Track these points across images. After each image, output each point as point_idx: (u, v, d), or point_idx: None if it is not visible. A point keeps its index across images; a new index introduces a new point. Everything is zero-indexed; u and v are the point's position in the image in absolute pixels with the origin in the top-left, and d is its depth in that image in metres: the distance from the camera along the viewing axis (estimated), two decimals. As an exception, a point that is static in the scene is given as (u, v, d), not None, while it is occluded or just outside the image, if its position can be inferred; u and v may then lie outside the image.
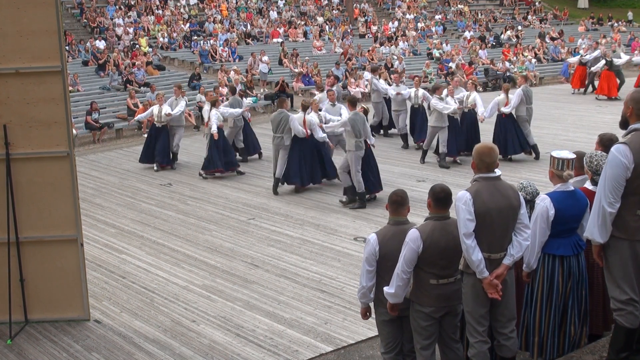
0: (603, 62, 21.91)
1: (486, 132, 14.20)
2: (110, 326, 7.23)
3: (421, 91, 15.54)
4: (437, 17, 34.64)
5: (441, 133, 13.50)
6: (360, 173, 11.12)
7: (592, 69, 22.56)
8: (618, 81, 21.60)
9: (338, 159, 12.46)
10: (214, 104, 13.84)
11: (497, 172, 5.41)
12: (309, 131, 12.10)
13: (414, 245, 4.79)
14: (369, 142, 11.38)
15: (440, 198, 4.87)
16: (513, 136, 13.73)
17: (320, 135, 12.07)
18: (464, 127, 13.91)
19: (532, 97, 14.11)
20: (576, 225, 5.34)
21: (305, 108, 12.39)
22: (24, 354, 6.69)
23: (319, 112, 12.63)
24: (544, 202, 5.23)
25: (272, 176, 12.52)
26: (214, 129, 13.25)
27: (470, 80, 14.97)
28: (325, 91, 14.90)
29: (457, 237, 4.76)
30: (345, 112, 11.90)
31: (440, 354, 5.17)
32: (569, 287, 5.31)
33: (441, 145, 13.62)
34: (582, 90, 23.26)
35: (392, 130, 16.67)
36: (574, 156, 5.39)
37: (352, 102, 11.55)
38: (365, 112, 11.70)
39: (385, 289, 4.95)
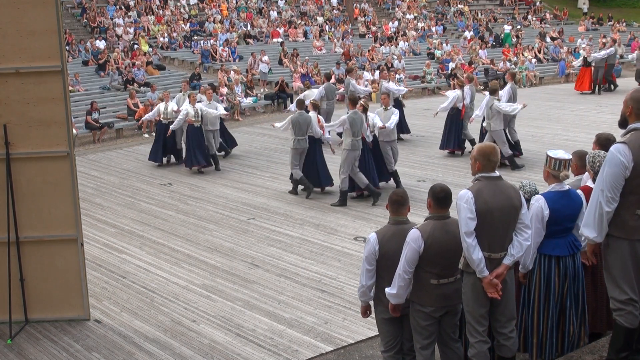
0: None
1: (471, 130, 14.83)
2: (110, 326, 7.23)
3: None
4: (467, 34, 32.44)
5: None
6: (347, 172, 11.28)
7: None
8: None
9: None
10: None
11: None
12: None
13: (415, 245, 4.79)
14: (366, 139, 11.59)
15: (440, 198, 4.87)
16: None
17: (318, 132, 12.08)
18: (453, 126, 14.65)
19: (517, 95, 14.30)
20: (571, 225, 5.32)
21: (315, 107, 12.50)
22: (24, 353, 6.69)
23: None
24: (538, 203, 5.22)
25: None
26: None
27: (456, 82, 15.31)
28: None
29: (458, 237, 4.76)
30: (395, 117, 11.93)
31: (440, 354, 5.18)
32: (565, 287, 5.30)
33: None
34: (586, 91, 22.97)
35: (406, 136, 16.41)
36: (570, 157, 5.39)
37: (353, 101, 11.60)
38: (365, 109, 11.73)
39: (387, 289, 4.95)
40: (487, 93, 14.47)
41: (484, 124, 13.35)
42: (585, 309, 5.44)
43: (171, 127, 14.29)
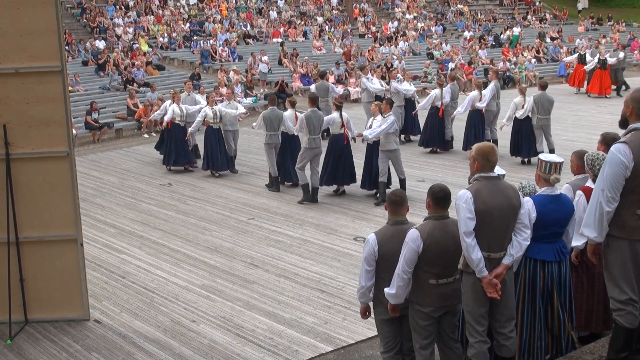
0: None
1: (455, 128, 15.34)
2: (110, 326, 7.23)
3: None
4: (467, 33, 32.52)
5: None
6: (303, 168, 11.57)
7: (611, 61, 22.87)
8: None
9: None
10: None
11: (502, 171, 5.39)
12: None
13: (414, 245, 4.79)
14: (348, 136, 11.68)
15: (440, 198, 4.87)
16: (483, 131, 14.39)
17: (290, 128, 12.43)
18: (434, 124, 15.11)
19: (500, 94, 14.79)
20: (560, 230, 5.28)
21: (292, 105, 12.90)
22: (23, 353, 6.69)
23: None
24: (526, 205, 5.20)
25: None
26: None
27: (437, 79, 15.76)
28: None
29: (457, 237, 4.76)
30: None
31: (439, 354, 5.17)
32: (553, 292, 5.28)
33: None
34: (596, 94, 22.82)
35: (414, 137, 16.44)
36: (561, 160, 5.38)
37: (313, 100, 11.89)
38: (338, 107, 11.82)
39: (386, 289, 4.95)
40: (469, 93, 14.72)
41: (535, 121, 13.50)
42: (573, 314, 5.43)
43: (189, 129, 14.00)
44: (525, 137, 13.64)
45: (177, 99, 14.54)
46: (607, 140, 5.79)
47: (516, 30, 32.88)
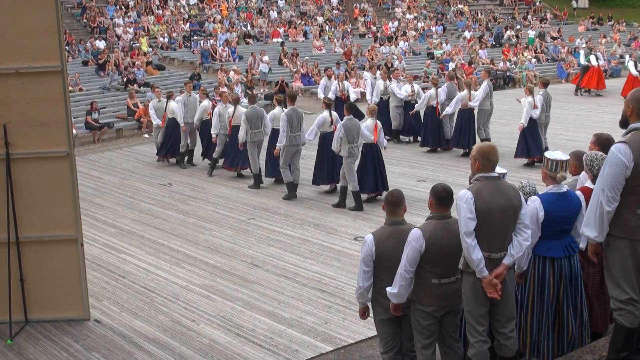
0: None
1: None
2: (110, 326, 7.23)
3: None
4: (468, 33, 32.55)
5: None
6: (286, 166, 11.77)
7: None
8: None
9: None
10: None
11: (503, 170, 5.38)
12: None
13: (417, 245, 4.79)
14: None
15: (442, 197, 4.87)
16: (471, 130, 14.51)
17: (269, 126, 12.62)
18: (429, 124, 15.17)
19: (493, 93, 14.92)
20: (568, 227, 5.29)
21: (279, 103, 12.90)
22: (24, 353, 6.69)
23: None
24: (533, 204, 5.19)
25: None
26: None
27: (432, 79, 15.92)
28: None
29: (459, 236, 4.76)
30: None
31: (441, 353, 5.17)
32: (561, 289, 5.28)
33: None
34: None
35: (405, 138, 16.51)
36: (567, 158, 5.37)
37: (292, 98, 11.97)
38: (328, 106, 11.92)
39: (389, 289, 4.94)
40: (459, 93, 14.75)
41: (544, 119, 13.63)
42: (584, 310, 5.43)
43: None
44: (536, 137, 13.63)
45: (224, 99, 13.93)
46: (601, 141, 5.80)
47: (531, 32, 32.85)
